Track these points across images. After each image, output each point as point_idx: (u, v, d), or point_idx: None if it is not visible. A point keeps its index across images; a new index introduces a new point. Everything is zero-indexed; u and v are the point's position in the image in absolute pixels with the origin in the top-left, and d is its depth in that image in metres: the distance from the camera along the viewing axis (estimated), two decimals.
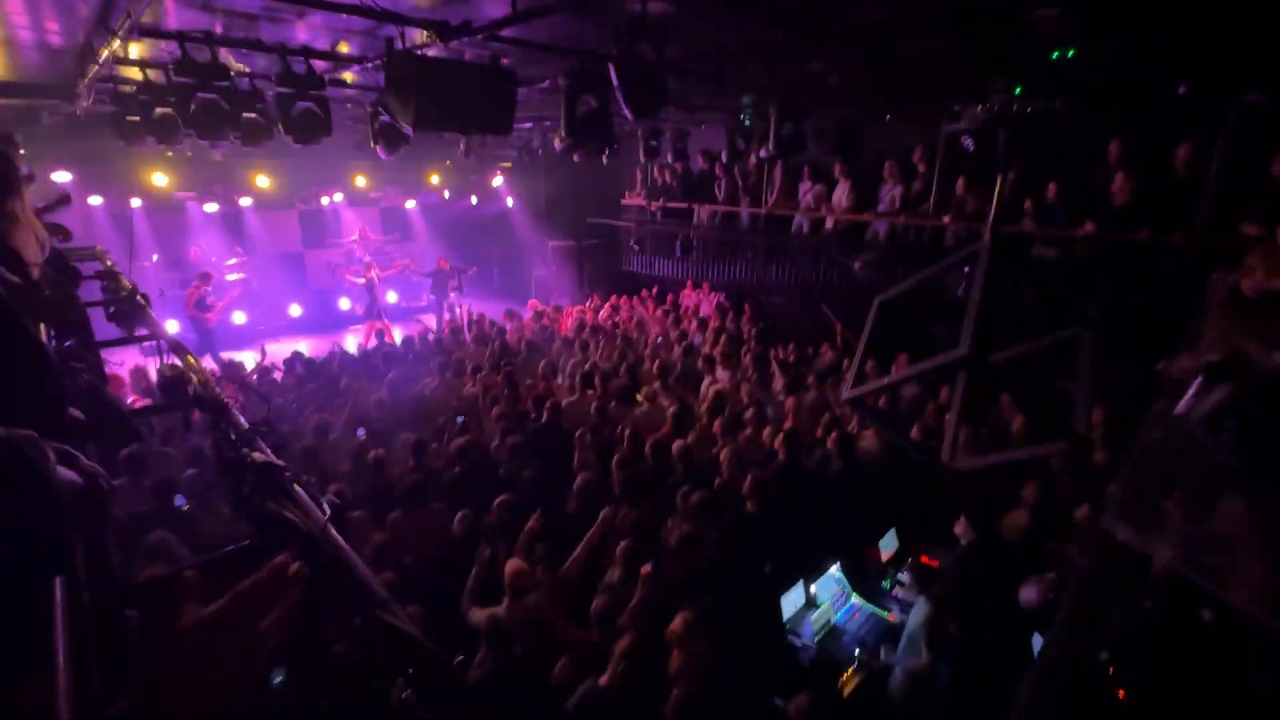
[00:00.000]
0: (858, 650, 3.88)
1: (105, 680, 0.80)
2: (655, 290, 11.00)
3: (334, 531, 1.41)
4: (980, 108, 2.84)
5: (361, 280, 11.36)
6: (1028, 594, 3.12)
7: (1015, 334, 3.68)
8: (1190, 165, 5.56)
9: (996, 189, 2.97)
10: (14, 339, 1.02)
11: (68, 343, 2.28)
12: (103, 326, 3.09)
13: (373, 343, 10.37)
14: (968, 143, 3.99)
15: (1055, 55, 3.34)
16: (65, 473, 0.88)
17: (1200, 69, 4.85)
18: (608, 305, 10.61)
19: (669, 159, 10.42)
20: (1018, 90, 2.86)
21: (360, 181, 12.86)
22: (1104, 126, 6.19)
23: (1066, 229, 6.33)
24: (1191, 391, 1.41)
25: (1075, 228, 6.24)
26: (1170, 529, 1.30)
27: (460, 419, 5.76)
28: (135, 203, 10.64)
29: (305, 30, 4.67)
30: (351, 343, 10.52)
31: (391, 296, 13.39)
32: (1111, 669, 2.85)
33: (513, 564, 3.41)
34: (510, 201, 15.02)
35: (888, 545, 4.76)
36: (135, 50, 4.72)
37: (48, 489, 0.74)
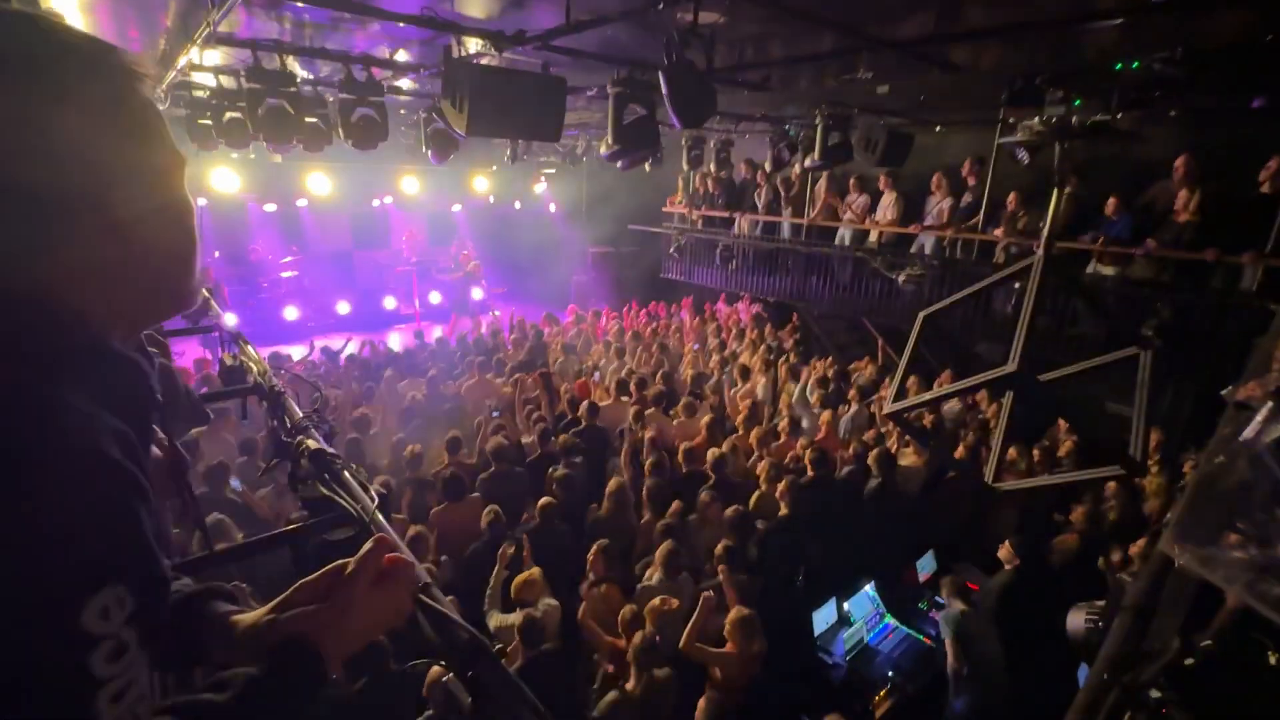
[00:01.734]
0: (891, 673, 3.78)
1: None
2: (693, 299, 11.00)
3: (381, 517, 1.46)
4: (1037, 119, 2.76)
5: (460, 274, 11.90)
6: (1074, 622, 2.98)
7: (1069, 353, 3.56)
8: (1275, 181, 5.27)
9: (1052, 204, 2.89)
10: None
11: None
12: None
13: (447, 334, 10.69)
14: (1023, 155, 3.88)
15: (1119, 66, 3.23)
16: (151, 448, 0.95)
17: (1276, 82, 4.61)
18: (645, 312, 10.65)
19: (711, 167, 10.44)
20: (1077, 102, 2.77)
21: (409, 185, 13.28)
22: (1170, 139, 5.95)
23: (1126, 246, 6.08)
24: (1260, 417, 1.35)
25: (1135, 245, 5.99)
26: (1233, 557, 1.24)
27: (495, 414, 5.86)
28: (201, 202, 11.23)
29: (365, 39, 4.87)
30: (396, 340, 10.84)
31: (435, 297, 13.75)
32: (1165, 709, 2.72)
33: (523, 575, 3.43)
34: (552, 207, 15.25)
35: (925, 566, 4.64)
36: (210, 57, 5.00)
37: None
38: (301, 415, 2.05)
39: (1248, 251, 5.31)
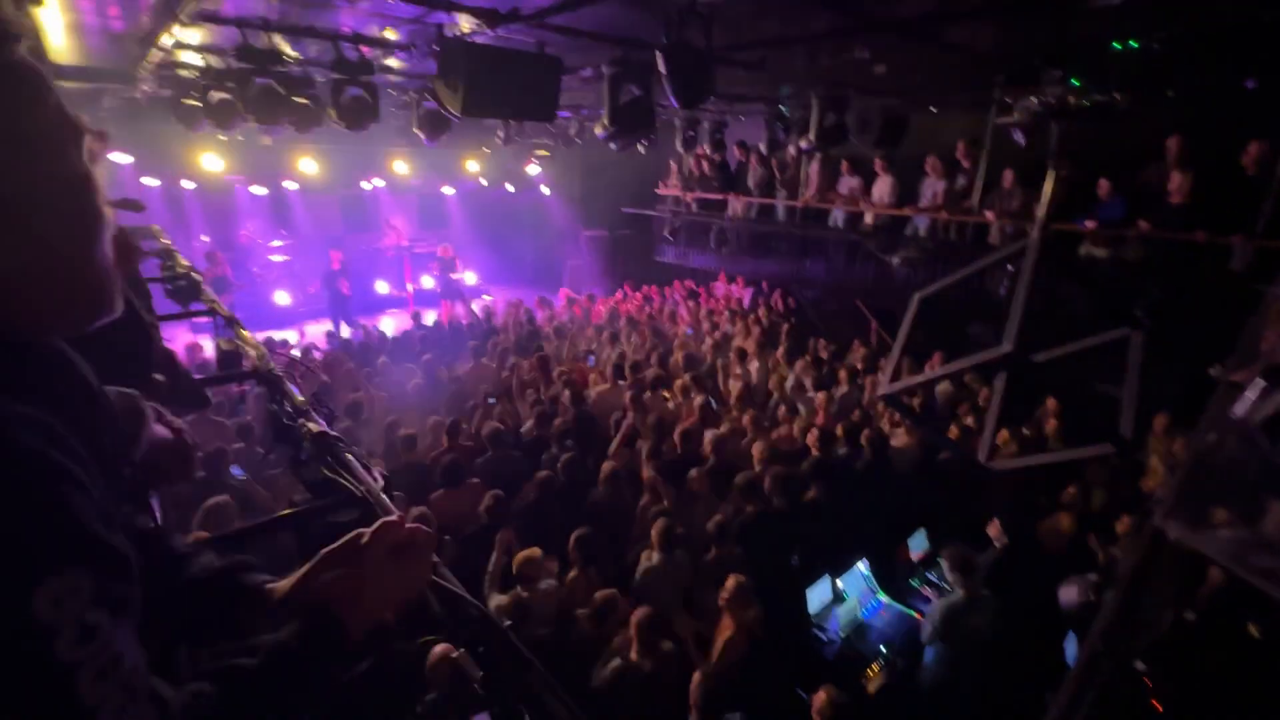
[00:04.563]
0: (883, 648, 3.86)
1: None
2: (688, 282, 10.97)
3: (386, 498, 1.47)
4: (1034, 100, 2.76)
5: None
6: (1068, 595, 3.05)
7: (1060, 334, 3.59)
8: (1258, 164, 5.30)
9: (1048, 185, 2.90)
10: None
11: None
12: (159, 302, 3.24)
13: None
14: (1019, 136, 3.88)
15: (1117, 46, 3.22)
16: (158, 429, 0.96)
17: (1270, 63, 4.61)
18: (640, 295, 10.62)
19: (706, 149, 10.35)
20: (1074, 82, 2.77)
21: (400, 168, 13.09)
22: (1161, 121, 5.94)
23: (1119, 228, 6.11)
24: (1251, 395, 1.38)
25: (1128, 227, 6.02)
26: (1223, 530, 1.28)
27: (491, 399, 5.86)
28: (188, 185, 11.05)
29: (354, 17, 4.77)
30: (388, 325, 10.78)
31: (428, 281, 13.65)
32: (1149, 679, 2.80)
33: (524, 553, 3.45)
34: (546, 190, 15.11)
35: (917, 545, 4.70)
36: (195, 36, 4.88)
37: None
38: (302, 399, 2.05)
39: (1238, 233, 5.36)
